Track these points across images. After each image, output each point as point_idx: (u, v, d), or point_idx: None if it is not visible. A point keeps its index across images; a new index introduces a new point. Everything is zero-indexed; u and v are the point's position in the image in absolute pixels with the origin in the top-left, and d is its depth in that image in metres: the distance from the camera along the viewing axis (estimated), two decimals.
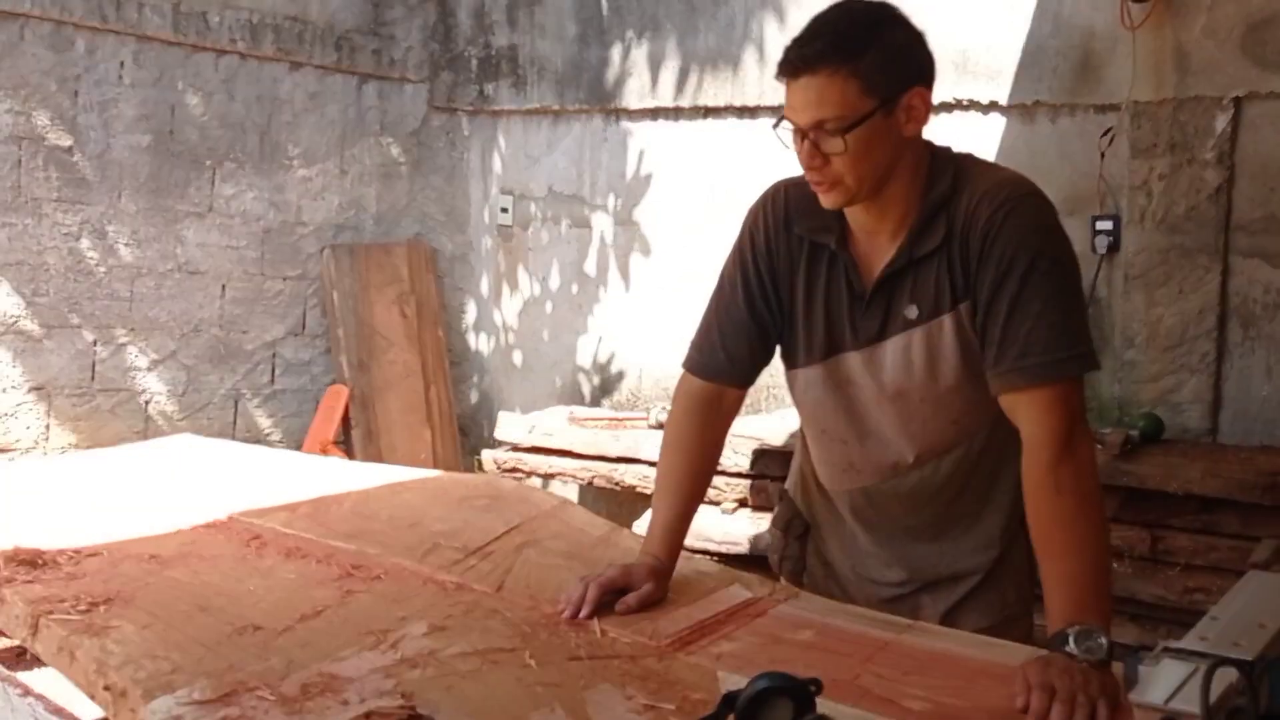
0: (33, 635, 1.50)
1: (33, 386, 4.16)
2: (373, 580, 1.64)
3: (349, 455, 4.61)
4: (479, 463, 4.49)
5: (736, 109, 4.20)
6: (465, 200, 5.15)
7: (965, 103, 3.61)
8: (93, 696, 1.35)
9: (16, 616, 1.54)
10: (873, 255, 1.56)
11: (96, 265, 4.27)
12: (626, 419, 4.07)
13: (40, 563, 1.70)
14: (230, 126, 4.56)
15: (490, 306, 5.11)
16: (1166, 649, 1.22)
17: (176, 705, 1.20)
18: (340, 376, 4.78)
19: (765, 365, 1.68)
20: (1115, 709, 1.19)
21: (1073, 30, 3.41)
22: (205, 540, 1.88)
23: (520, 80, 4.85)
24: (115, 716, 1.29)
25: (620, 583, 1.52)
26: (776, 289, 1.63)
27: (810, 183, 1.50)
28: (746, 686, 1.09)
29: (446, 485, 2.33)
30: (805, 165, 1.48)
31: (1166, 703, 1.12)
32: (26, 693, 1.81)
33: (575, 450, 3.88)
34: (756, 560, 3.03)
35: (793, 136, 1.48)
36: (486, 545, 1.81)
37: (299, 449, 4.59)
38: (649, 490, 2.77)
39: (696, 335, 1.70)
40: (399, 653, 1.34)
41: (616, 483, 3.76)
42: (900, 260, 1.52)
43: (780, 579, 1.78)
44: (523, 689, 1.25)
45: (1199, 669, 1.13)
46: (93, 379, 4.29)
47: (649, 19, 4.42)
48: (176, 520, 1.99)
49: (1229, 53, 3.14)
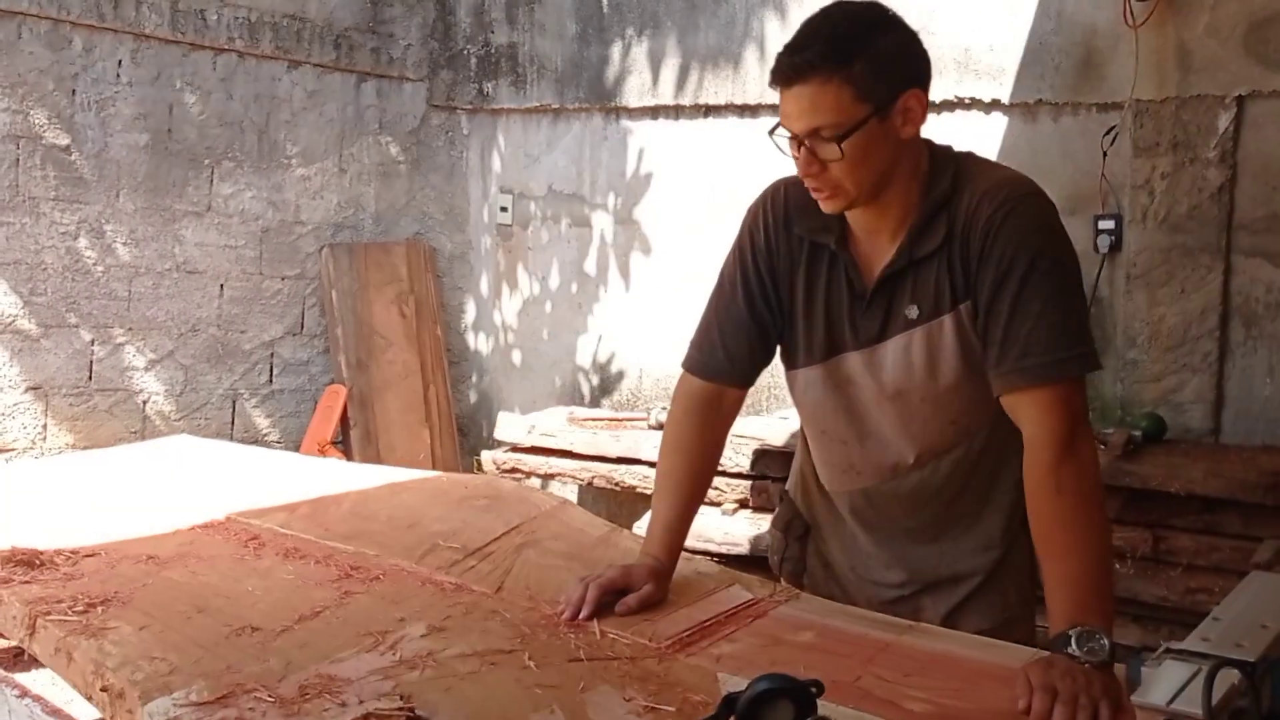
0: (30, 636, 1.49)
1: (30, 386, 4.15)
2: (371, 581, 1.64)
3: (347, 455, 4.61)
4: (478, 463, 4.48)
5: (737, 107, 4.19)
6: (465, 199, 5.14)
7: (967, 101, 3.60)
8: (90, 698, 1.35)
9: (14, 617, 1.54)
10: (873, 255, 1.56)
11: (94, 264, 4.26)
12: (626, 419, 4.07)
13: (38, 563, 1.71)
14: (228, 125, 4.55)
15: (490, 306, 5.11)
16: (1169, 650, 1.21)
17: (174, 707, 1.20)
18: (339, 376, 4.77)
19: (765, 365, 1.68)
20: (1117, 710, 1.19)
21: (1075, 28, 3.40)
22: (203, 541, 1.88)
23: (520, 78, 4.84)
24: (113, 718, 1.29)
25: (620, 584, 1.52)
26: (777, 288, 1.62)
27: (810, 189, 1.50)
28: (747, 688, 1.09)
29: (445, 486, 2.33)
30: (803, 173, 1.47)
31: (1169, 704, 1.12)
32: (24, 694, 1.81)
33: (575, 451, 3.87)
34: (757, 561, 3.02)
35: (789, 143, 1.47)
36: (486, 546, 1.81)
37: (297, 449, 4.59)
38: (649, 491, 2.76)
39: (696, 335, 1.69)
40: (398, 654, 1.34)
41: (616, 483, 3.75)
42: (900, 260, 1.52)
43: (780, 580, 1.78)
44: (522, 690, 1.25)
45: (1201, 670, 1.13)
46: (90, 379, 4.28)
47: (649, 17, 4.41)
48: (174, 521, 1.99)
49: (1232, 51, 3.14)
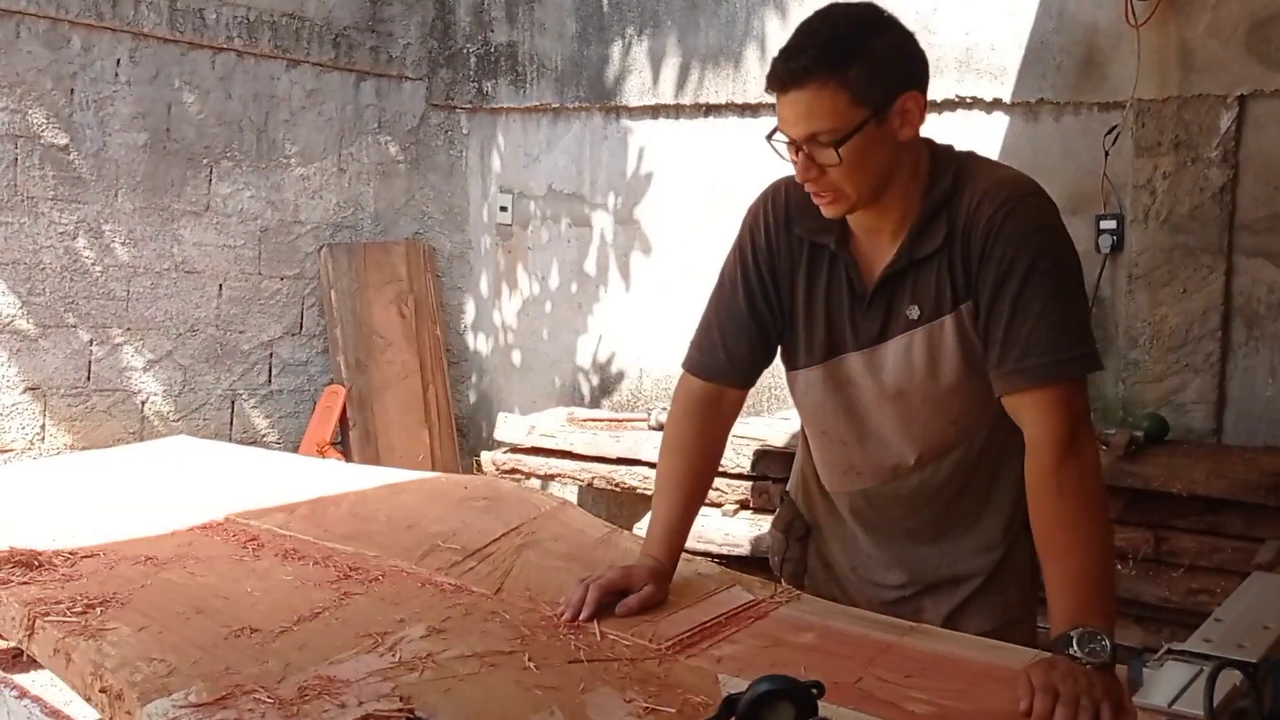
0: (29, 637, 1.49)
1: (28, 386, 4.14)
2: (370, 582, 1.64)
3: (346, 456, 4.60)
4: (477, 464, 4.48)
5: (738, 107, 4.19)
6: (464, 199, 5.13)
7: (969, 100, 3.60)
8: (89, 699, 1.34)
9: (13, 618, 1.54)
10: (873, 255, 1.55)
11: (92, 264, 4.26)
12: (626, 420, 4.06)
13: (36, 564, 1.71)
14: (227, 124, 4.55)
15: (489, 306, 5.10)
16: (1170, 651, 1.21)
17: (173, 708, 1.20)
18: (338, 376, 4.77)
19: (766, 366, 1.67)
20: (1119, 712, 1.19)
21: (1076, 27, 3.39)
22: (202, 542, 1.88)
23: (519, 78, 4.83)
24: (111, 719, 1.28)
25: (620, 585, 1.52)
26: (777, 288, 1.62)
27: (810, 194, 1.49)
28: (748, 689, 1.09)
29: (445, 486, 2.32)
30: (801, 178, 1.47)
31: (1170, 705, 1.11)
32: (23, 695, 1.81)
33: (575, 451, 3.86)
34: (757, 562, 3.02)
35: (787, 148, 1.47)
36: (485, 547, 1.80)
37: (296, 450, 4.58)
38: (649, 492, 2.76)
39: (696, 335, 1.69)
40: (397, 655, 1.34)
41: (616, 484, 3.75)
42: (901, 261, 1.51)
43: (781, 581, 1.77)
44: (522, 692, 1.25)
45: (1203, 671, 1.12)
46: (88, 379, 4.27)
47: (649, 15, 4.41)
48: (173, 522, 1.99)
49: (1233, 50, 3.13)
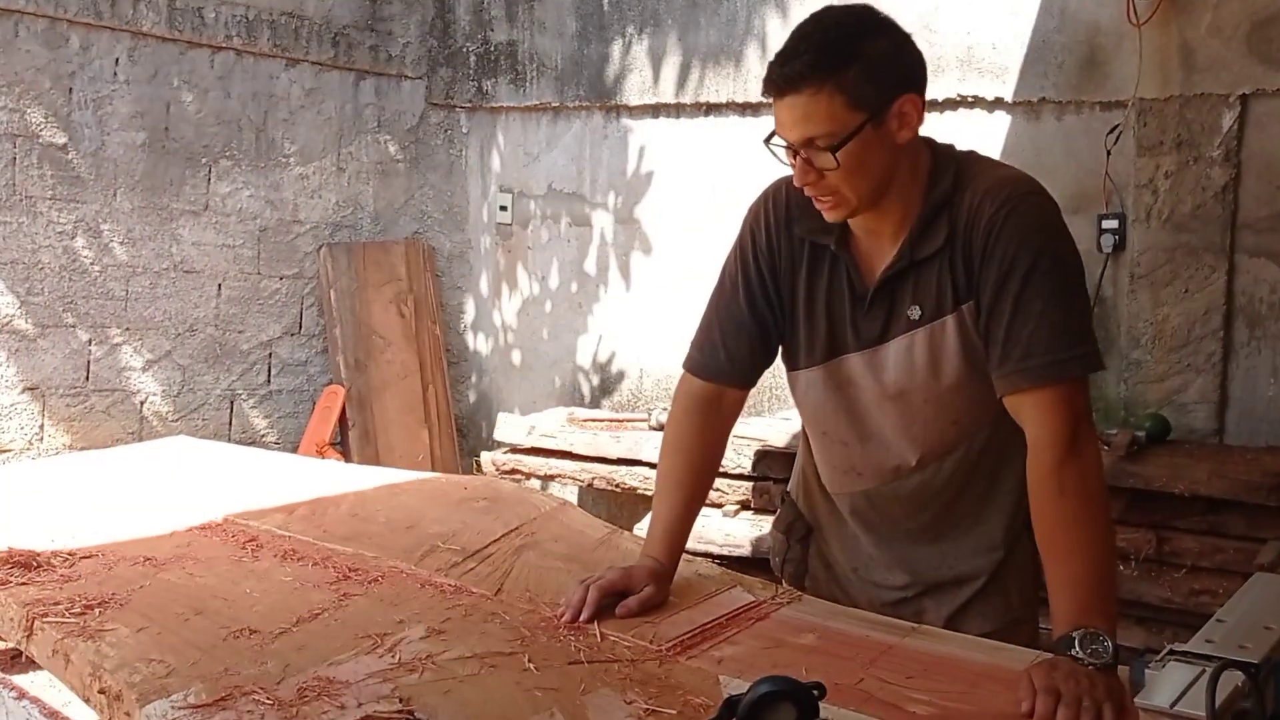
0: (27, 638, 1.49)
1: (27, 386, 4.14)
2: (370, 583, 1.63)
3: (346, 456, 4.60)
4: (477, 464, 4.47)
5: (739, 105, 4.18)
6: (464, 198, 5.13)
7: (970, 100, 3.60)
8: (88, 700, 1.34)
9: (11, 619, 1.54)
10: (874, 256, 1.55)
11: (91, 264, 4.25)
12: (627, 420, 4.06)
13: (35, 564, 1.70)
14: (226, 124, 4.54)
15: (489, 306, 5.10)
16: (1172, 652, 1.20)
17: (172, 709, 1.19)
18: (337, 376, 4.76)
19: (767, 366, 1.67)
20: (1121, 712, 1.19)
21: (1078, 26, 3.39)
22: (200, 542, 1.87)
23: (519, 77, 4.83)
24: None
25: (620, 585, 1.51)
26: (778, 288, 1.61)
27: (810, 198, 1.49)
28: (748, 691, 1.08)
29: (445, 487, 2.32)
30: (800, 182, 1.47)
31: (1172, 706, 1.11)
32: (22, 695, 1.81)
33: (575, 452, 3.86)
34: (758, 563, 3.02)
35: (785, 152, 1.46)
36: (485, 548, 1.80)
37: (295, 450, 4.58)
38: (649, 492, 2.75)
39: (696, 335, 1.68)
40: (396, 656, 1.34)
41: (616, 484, 3.74)
42: (901, 261, 1.51)
43: (782, 582, 1.77)
44: (522, 693, 1.24)
45: (1205, 672, 1.12)
46: (87, 379, 4.27)
47: (650, 14, 4.41)
48: (172, 522, 1.98)
49: (1235, 50, 3.13)
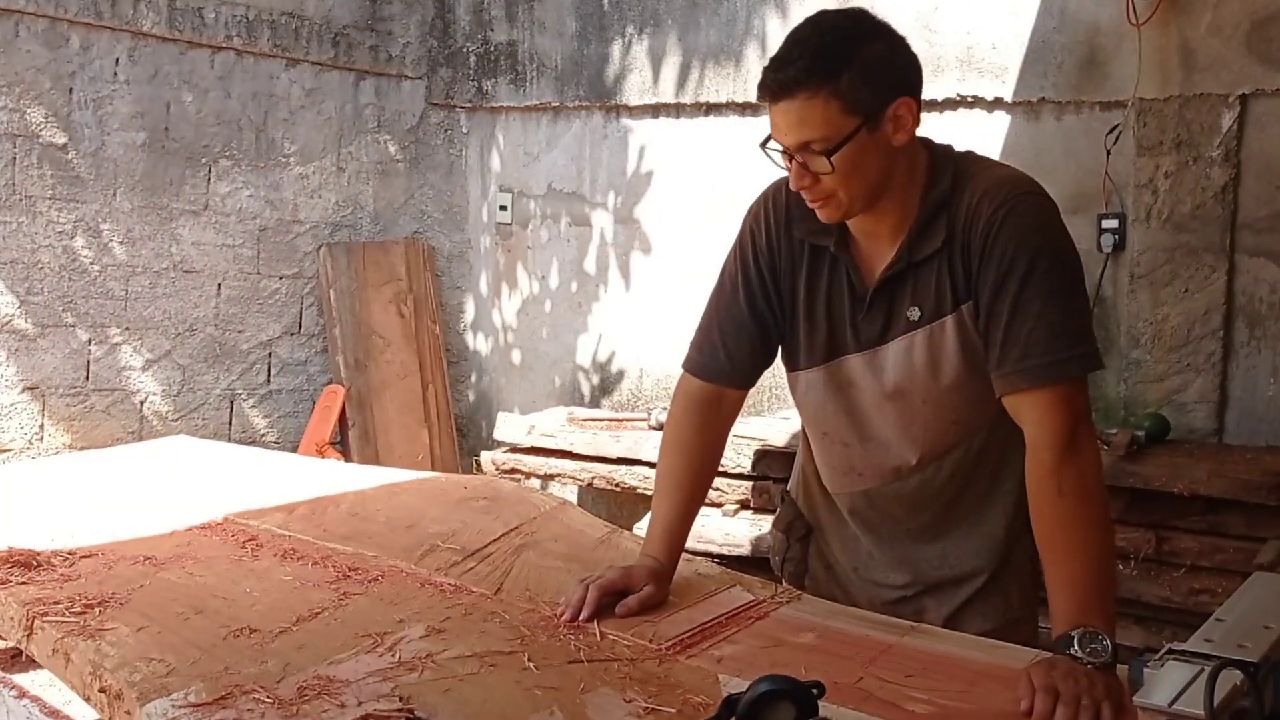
0: (28, 637, 1.49)
1: (26, 386, 4.14)
2: (370, 582, 1.63)
3: (345, 456, 4.60)
4: (477, 464, 4.47)
5: (739, 105, 4.18)
6: (464, 198, 5.13)
7: (970, 100, 3.59)
8: (88, 699, 1.34)
9: (11, 618, 1.54)
10: (873, 257, 1.55)
11: (91, 264, 4.25)
12: (626, 419, 4.06)
13: (35, 564, 1.70)
14: (226, 124, 4.54)
15: (489, 305, 5.10)
16: (1171, 651, 1.20)
17: (172, 708, 1.19)
18: (337, 376, 4.76)
19: (766, 366, 1.67)
20: (1119, 711, 1.19)
21: (1078, 26, 3.39)
22: (200, 542, 1.88)
23: (519, 76, 4.83)
24: (111, 719, 1.28)
25: (620, 585, 1.51)
26: (778, 288, 1.61)
27: (806, 200, 1.49)
28: (748, 689, 1.08)
29: (444, 486, 2.32)
30: (795, 185, 1.47)
31: (1171, 705, 1.11)
32: (22, 694, 1.81)
33: (575, 451, 3.86)
34: (758, 562, 3.02)
35: (781, 156, 1.46)
36: (485, 547, 1.80)
37: (295, 449, 4.58)
38: (649, 492, 2.75)
39: (696, 335, 1.68)
40: (396, 655, 1.34)
41: (616, 484, 3.74)
42: (900, 262, 1.51)
43: (782, 581, 1.77)
44: (521, 692, 1.24)
45: (1204, 671, 1.12)
46: (87, 379, 4.27)
47: (650, 14, 4.41)
48: (172, 521, 1.99)
49: (1235, 50, 3.13)
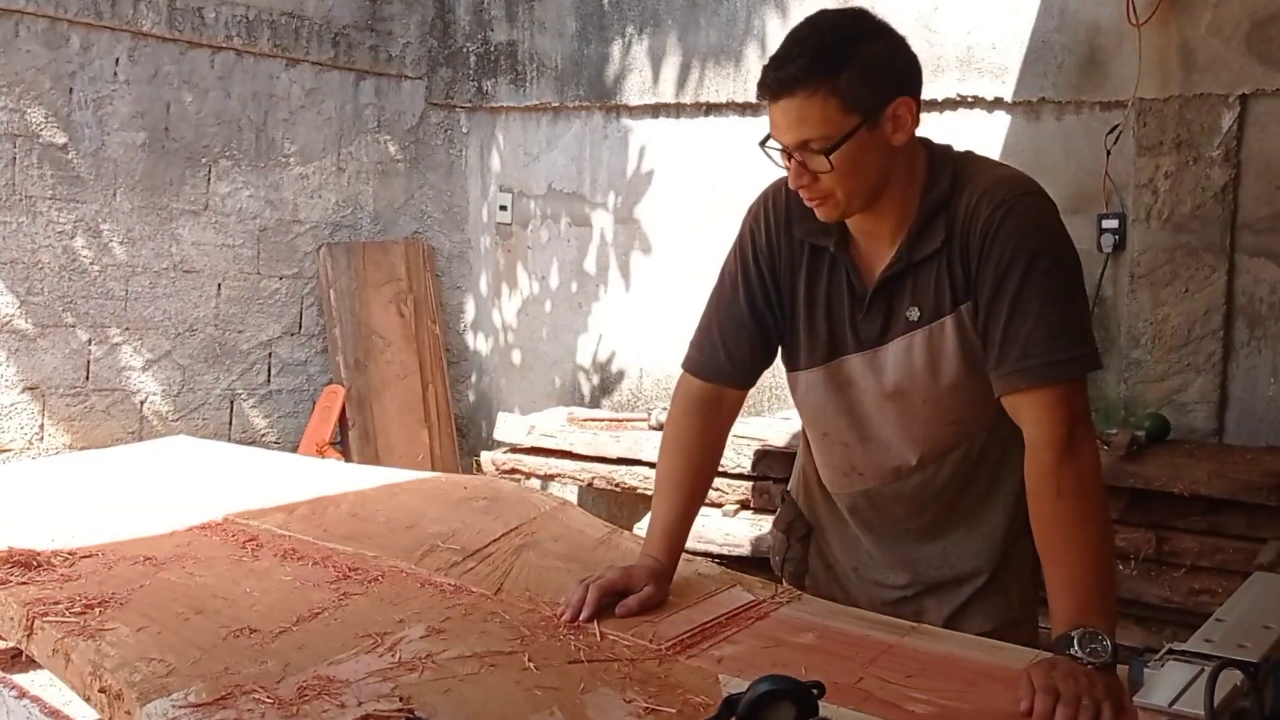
0: (28, 637, 1.49)
1: (26, 386, 4.14)
2: (370, 582, 1.63)
3: (346, 456, 4.60)
4: (477, 464, 4.47)
5: (739, 105, 4.18)
6: (464, 198, 5.13)
7: (970, 100, 3.59)
8: (88, 699, 1.34)
9: (11, 618, 1.54)
10: (872, 257, 1.55)
11: (91, 264, 4.25)
12: (626, 420, 4.06)
13: (35, 564, 1.70)
14: (226, 124, 4.54)
15: (489, 305, 5.10)
16: (1171, 651, 1.21)
17: (172, 708, 1.19)
18: (337, 376, 4.77)
19: (766, 366, 1.67)
20: (1120, 712, 1.19)
21: (1078, 26, 3.39)
22: (201, 542, 1.88)
23: (519, 76, 4.83)
24: (111, 719, 1.27)
25: (620, 585, 1.51)
26: (778, 288, 1.61)
27: (804, 199, 1.49)
28: (748, 690, 1.08)
29: (444, 487, 2.32)
30: (794, 184, 1.47)
31: (1171, 705, 1.11)
32: (22, 694, 1.81)
33: (575, 451, 3.86)
34: (758, 562, 3.02)
35: (780, 155, 1.47)
36: (485, 547, 1.80)
37: (295, 449, 4.58)
38: (649, 492, 2.75)
39: (696, 335, 1.68)
40: (396, 655, 1.34)
41: (616, 484, 3.74)
42: (899, 263, 1.51)
43: (782, 581, 1.77)
44: (522, 692, 1.24)
45: (1204, 671, 1.12)
46: (87, 379, 4.27)
47: (650, 14, 4.41)
48: (172, 522, 1.99)
49: (1235, 50, 3.13)
